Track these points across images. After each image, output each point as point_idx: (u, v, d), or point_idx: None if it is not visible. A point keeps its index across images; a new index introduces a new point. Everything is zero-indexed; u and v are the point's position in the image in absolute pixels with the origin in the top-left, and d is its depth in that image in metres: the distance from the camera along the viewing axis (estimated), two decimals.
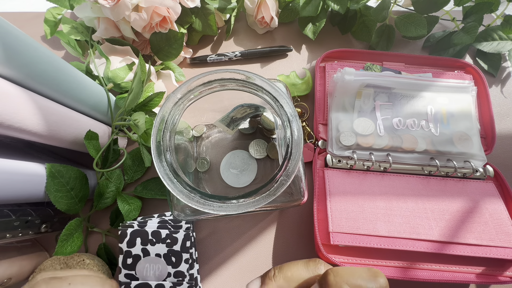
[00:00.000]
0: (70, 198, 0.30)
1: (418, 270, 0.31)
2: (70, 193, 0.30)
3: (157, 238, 0.32)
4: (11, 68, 0.23)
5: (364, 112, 0.38)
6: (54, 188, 0.29)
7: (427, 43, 0.45)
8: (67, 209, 0.30)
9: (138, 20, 0.36)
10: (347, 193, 0.33)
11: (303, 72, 0.44)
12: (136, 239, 0.31)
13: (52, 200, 0.29)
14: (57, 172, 0.29)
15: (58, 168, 0.29)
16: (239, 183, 0.34)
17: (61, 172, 0.30)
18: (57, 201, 0.29)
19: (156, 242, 0.32)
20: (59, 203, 0.29)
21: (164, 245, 0.32)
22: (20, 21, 0.48)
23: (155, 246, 0.32)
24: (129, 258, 0.31)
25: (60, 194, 0.29)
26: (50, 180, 0.29)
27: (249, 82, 0.23)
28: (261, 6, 0.43)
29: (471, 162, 0.35)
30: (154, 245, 0.32)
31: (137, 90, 0.33)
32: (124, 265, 0.31)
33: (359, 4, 0.40)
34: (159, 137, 0.22)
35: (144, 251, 0.31)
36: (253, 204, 0.20)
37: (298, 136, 0.21)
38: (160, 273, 0.31)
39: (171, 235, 0.32)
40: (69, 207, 0.30)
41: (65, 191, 0.30)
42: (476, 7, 0.41)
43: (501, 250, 0.30)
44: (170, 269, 0.31)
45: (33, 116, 0.25)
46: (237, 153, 0.35)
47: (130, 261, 0.31)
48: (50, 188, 0.29)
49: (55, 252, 0.29)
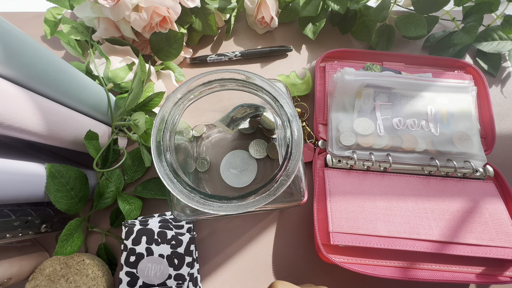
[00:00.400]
0: (70, 198, 0.30)
1: (418, 270, 0.31)
2: (70, 193, 0.30)
3: (163, 239, 0.32)
4: (11, 68, 0.23)
5: (364, 112, 0.38)
6: (54, 188, 0.29)
7: (427, 43, 0.45)
8: (67, 209, 0.30)
9: (138, 20, 0.36)
10: (347, 193, 0.33)
11: (303, 72, 0.44)
12: (142, 237, 0.31)
13: (52, 200, 0.29)
14: (57, 172, 0.29)
15: (58, 168, 0.29)
16: (239, 183, 0.34)
17: (61, 172, 0.30)
18: (57, 201, 0.29)
19: (161, 242, 0.32)
20: (59, 203, 0.29)
21: (168, 246, 0.32)
22: (20, 21, 0.48)
23: (159, 246, 0.31)
24: (133, 256, 0.31)
25: (60, 194, 0.29)
26: (50, 180, 0.29)
27: (249, 82, 0.23)
28: (261, 6, 0.43)
29: (471, 162, 0.35)
30: (159, 245, 0.32)
31: (137, 90, 0.33)
32: (126, 262, 0.31)
33: (359, 4, 0.40)
34: (159, 137, 0.22)
35: (148, 250, 0.31)
36: (253, 204, 0.20)
37: (298, 136, 0.21)
38: (161, 274, 0.31)
39: (177, 236, 0.32)
40: (69, 207, 0.30)
41: (65, 191, 0.30)
42: (476, 7, 0.41)
43: (501, 250, 0.30)
44: (172, 271, 0.31)
45: (33, 116, 0.25)
46: (237, 153, 0.35)
47: (133, 259, 0.31)
48: (50, 188, 0.29)
49: (55, 252, 0.29)
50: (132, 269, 0.31)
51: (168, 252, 0.31)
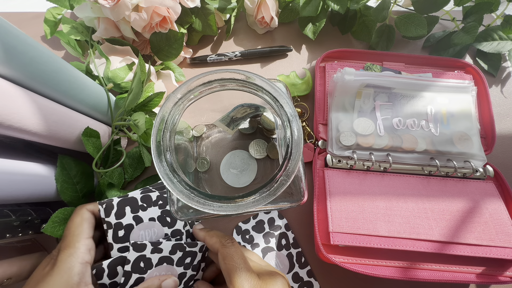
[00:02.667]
0: (74, 191, 0.32)
1: (418, 270, 0.31)
2: (75, 187, 0.32)
3: (148, 202, 0.29)
4: (11, 68, 0.23)
5: (364, 112, 0.38)
6: (62, 179, 0.31)
7: (427, 43, 0.45)
8: (70, 201, 0.31)
9: (138, 20, 0.36)
10: (347, 193, 0.33)
11: (303, 72, 0.44)
12: (125, 208, 0.29)
13: (59, 189, 0.31)
14: (67, 164, 0.32)
15: (68, 160, 0.32)
16: (239, 183, 0.34)
17: (70, 165, 0.32)
18: (63, 191, 0.31)
19: (147, 206, 0.29)
20: (64, 194, 0.31)
21: (156, 207, 0.29)
22: (20, 21, 0.48)
23: (147, 210, 0.29)
24: (120, 230, 0.28)
25: (66, 185, 0.31)
26: (60, 171, 0.31)
27: (249, 82, 0.23)
28: (261, 6, 0.43)
29: (471, 162, 0.35)
30: (146, 210, 0.29)
31: (137, 90, 0.33)
32: (115, 239, 0.28)
33: (359, 4, 0.40)
34: (159, 137, 0.22)
35: (137, 219, 0.29)
36: (253, 204, 0.20)
37: (298, 136, 0.21)
38: (157, 236, 0.29)
39: (162, 195, 0.30)
40: (72, 200, 0.32)
41: (71, 183, 0.32)
42: (476, 7, 0.41)
43: (501, 250, 0.30)
44: (167, 230, 0.29)
45: (33, 116, 0.25)
46: (237, 153, 0.35)
47: (122, 233, 0.28)
48: (58, 178, 0.31)
49: (44, 229, 0.28)
50: (124, 243, 0.28)
51: (158, 213, 0.29)
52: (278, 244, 0.35)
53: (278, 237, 0.35)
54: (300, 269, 0.34)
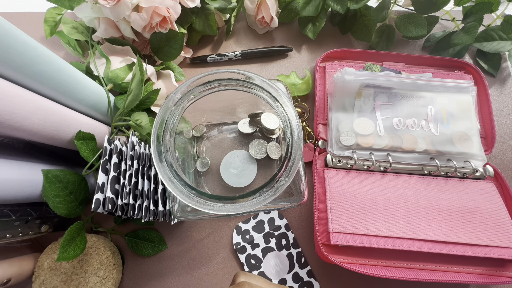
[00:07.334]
0: (69, 202, 0.29)
1: (418, 270, 0.31)
2: (69, 197, 0.29)
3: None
4: (11, 68, 0.23)
5: (364, 112, 0.38)
6: (52, 194, 0.28)
7: (427, 43, 0.45)
8: (68, 214, 0.29)
9: (138, 20, 0.36)
10: (347, 193, 0.33)
11: (303, 72, 0.44)
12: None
13: (51, 206, 0.28)
14: (54, 177, 0.28)
15: (55, 173, 0.28)
16: (239, 183, 0.34)
17: (58, 177, 0.29)
18: (56, 206, 0.28)
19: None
20: (59, 208, 0.28)
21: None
22: (20, 21, 0.48)
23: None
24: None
25: (59, 199, 0.28)
26: (48, 186, 0.27)
27: (249, 82, 0.23)
28: (261, 6, 0.43)
29: (471, 162, 0.35)
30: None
31: (136, 91, 0.33)
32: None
33: (359, 4, 0.40)
34: (159, 137, 0.22)
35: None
36: (253, 204, 0.20)
37: (298, 136, 0.21)
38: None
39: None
40: (69, 211, 0.29)
41: (64, 196, 0.29)
42: (476, 7, 0.41)
43: (501, 250, 0.30)
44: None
45: (33, 116, 0.25)
46: (237, 153, 0.35)
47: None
48: (47, 194, 0.27)
49: (57, 258, 0.28)
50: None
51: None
52: (278, 244, 0.35)
53: (278, 237, 0.35)
54: (300, 269, 0.34)
